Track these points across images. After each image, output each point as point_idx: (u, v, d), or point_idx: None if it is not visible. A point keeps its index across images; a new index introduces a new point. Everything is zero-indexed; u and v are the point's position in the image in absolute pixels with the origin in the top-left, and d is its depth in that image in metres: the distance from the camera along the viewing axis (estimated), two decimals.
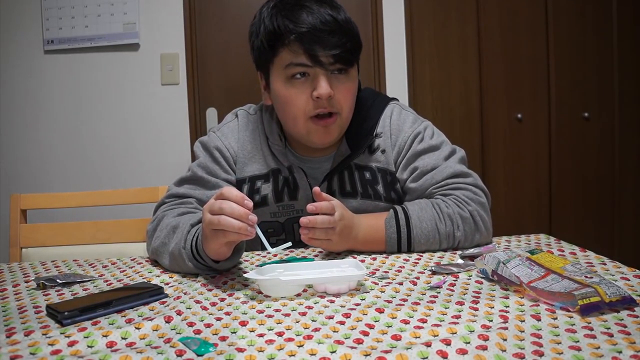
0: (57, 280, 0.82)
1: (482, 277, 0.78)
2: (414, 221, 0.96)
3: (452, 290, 0.73)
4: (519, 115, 2.51)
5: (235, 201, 0.75)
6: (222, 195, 0.77)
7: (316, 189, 0.91)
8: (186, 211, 0.99)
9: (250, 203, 0.76)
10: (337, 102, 0.99)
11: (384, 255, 0.95)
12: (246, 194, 1.08)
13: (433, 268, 0.83)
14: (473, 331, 0.57)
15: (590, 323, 0.57)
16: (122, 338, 0.58)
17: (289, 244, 0.83)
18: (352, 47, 0.97)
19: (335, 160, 1.07)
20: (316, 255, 0.98)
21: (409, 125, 1.09)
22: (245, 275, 0.76)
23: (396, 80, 2.48)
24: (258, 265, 0.91)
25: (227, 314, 0.66)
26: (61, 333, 0.58)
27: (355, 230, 0.94)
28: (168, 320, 0.63)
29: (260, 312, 0.67)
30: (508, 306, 0.64)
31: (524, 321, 0.59)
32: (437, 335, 0.56)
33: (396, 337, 0.56)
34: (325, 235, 0.90)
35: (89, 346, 0.56)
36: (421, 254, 0.94)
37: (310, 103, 0.98)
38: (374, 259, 0.93)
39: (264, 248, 0.83)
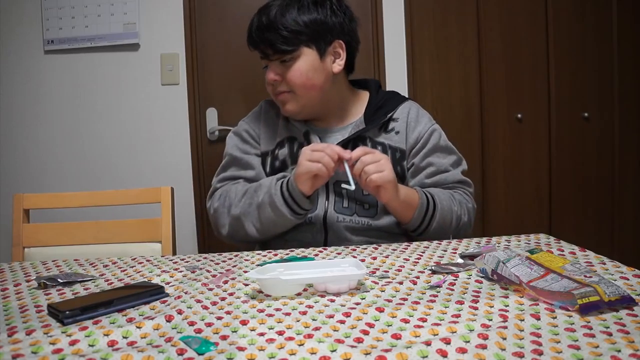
0: (58, 280, 0.82)
1: (481, 277, 0.78)
2: (437, 197, 1.14)
3: (452, 290, 0.73)
4: (519, 115, 2.51)
5: (331, 156, 1.04)
6: (318, 148, 1.05)
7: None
8: (246, 186, 1.19)
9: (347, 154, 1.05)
10: (288, 83, 1.19)
11: (384, 254, 0.95)
12: (270, 162, 1.26)
13: (433, 267, 0.83)
14: (473, 330, 0.57)
15: (589, 322, 0.58)
16: (123, 337, 0.58)
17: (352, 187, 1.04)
18: (283, 38, 1.15)
19: (352, 131, 1.23)
20: (316, 255, 0.98)
21: (426, 121, 1.27)
22: (245, 274, 0.76)
23: (396, 80, 2.48)
24: (259, 265, 0.91)
25: (228, 313, 0.66)
26: (62, 332, 0.59)
27: (398, 185, 1.09)
28: (169, 319, 0.63)
29: (261, 311, 0.67)
30: (508, 305, 0.65)
31: (523, 320, 0.59)
32: (437, 334, 0.56)
33: (396, 336, 0.57)
34: (377, 167, 1.04)
35: (90, 345, 0.56)
36: (421, 254, 0.94)
37: (270, 87, 1.23)
38: (374, 258, 0.93)
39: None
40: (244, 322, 0.62)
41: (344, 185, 1.07)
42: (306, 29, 1.17)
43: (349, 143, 1.21)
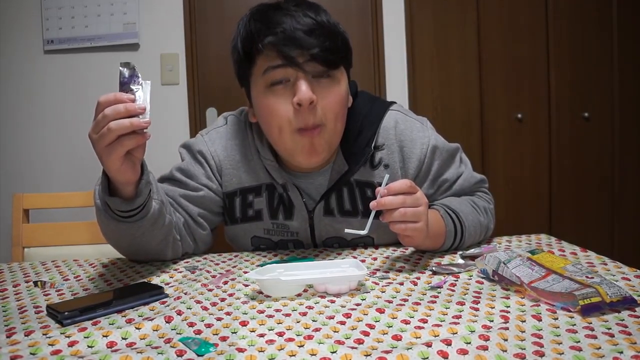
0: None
1: (482, 277, 0.78)
2: (462, 216, 0.96)
3: (453, 291, 0.72)
4: (519, 115, 2.51)
5: (115, 101, 0.72)
6: (99, 106, 0.73)
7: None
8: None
9: (131, 96, 0.73)
10: (321, 110, 0.89)
11: (385, 255, 0.95)
12: (239, 207, 1.04)
13: (434, 268, 0.83)
14: (474, 331, 0.56)
15: (591, 323, 0.57)
16: (123, 338, 0.58)
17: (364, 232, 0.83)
18: (332, 46, 0.88)
19: (332, 177, 1.00)
20: (316, 255, 0.98)
21: (419, 137, 1.01)
22: (245, 275, 0.76)
23: (396, 80, 2.48)
24: (259, 265, 0.91)
25: (228, 314, 0.66)
26: (61, 333, 0.58)
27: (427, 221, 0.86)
28: (168, 320, 0.63)
29: (261, 312, 0.66)
30: (509, 306, 0.64)
31: (524, 321, 0.59)
32: (438, 336, 0.56)
33: (397, 338, 0.56)
34: (414, 215, 0.81)
35: (89, 346, 0.56)
36: (421, 254, 0.94)
37: (293, 112, 0.89)
38: (375, 259, 0.93)
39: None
40: (243, 323, 0.62)
41: (351, 231, 0.84)
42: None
43: (333, 192, 1.00)
